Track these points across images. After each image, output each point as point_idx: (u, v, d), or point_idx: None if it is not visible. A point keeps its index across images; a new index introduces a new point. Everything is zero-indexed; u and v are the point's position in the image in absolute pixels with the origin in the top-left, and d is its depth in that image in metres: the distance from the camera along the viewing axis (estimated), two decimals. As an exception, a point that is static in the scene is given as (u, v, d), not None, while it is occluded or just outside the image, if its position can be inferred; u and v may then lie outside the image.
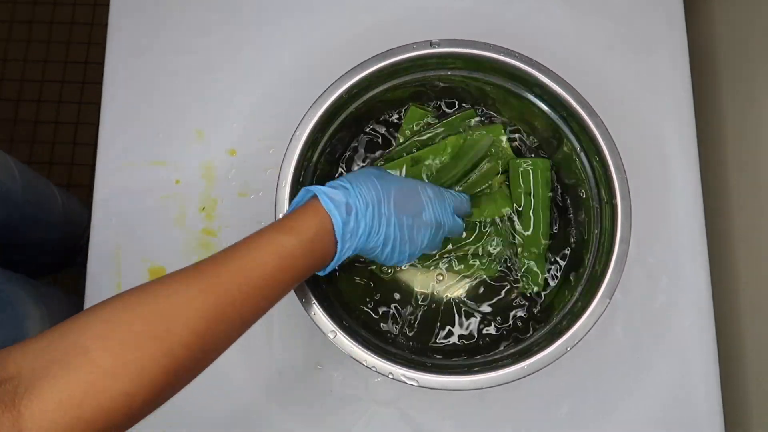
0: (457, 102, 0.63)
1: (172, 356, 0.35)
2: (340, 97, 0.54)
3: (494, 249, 0.59)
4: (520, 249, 0.59)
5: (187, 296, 0.36)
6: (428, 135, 0.60)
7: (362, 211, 0.43)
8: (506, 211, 0.59)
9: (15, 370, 0.31)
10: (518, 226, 0.59)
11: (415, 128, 0.61)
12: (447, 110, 0.63)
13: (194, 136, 0.66)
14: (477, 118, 0.62)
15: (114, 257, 0.63)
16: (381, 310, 0.59)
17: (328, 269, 0.45)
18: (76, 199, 0.93)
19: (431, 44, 0.54)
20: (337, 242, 0.43)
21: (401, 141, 0.61)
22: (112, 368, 0.32)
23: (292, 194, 0.52)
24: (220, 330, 0.37)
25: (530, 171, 0.59)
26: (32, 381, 0.30)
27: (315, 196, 0.43)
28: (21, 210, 0.72)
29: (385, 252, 0.46)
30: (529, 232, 0.58)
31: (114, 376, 0.32)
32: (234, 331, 0.39)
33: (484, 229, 0.59)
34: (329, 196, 0.43)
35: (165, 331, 0.34)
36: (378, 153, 0.62)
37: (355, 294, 0.59)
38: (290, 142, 0.53)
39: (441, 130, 0.61)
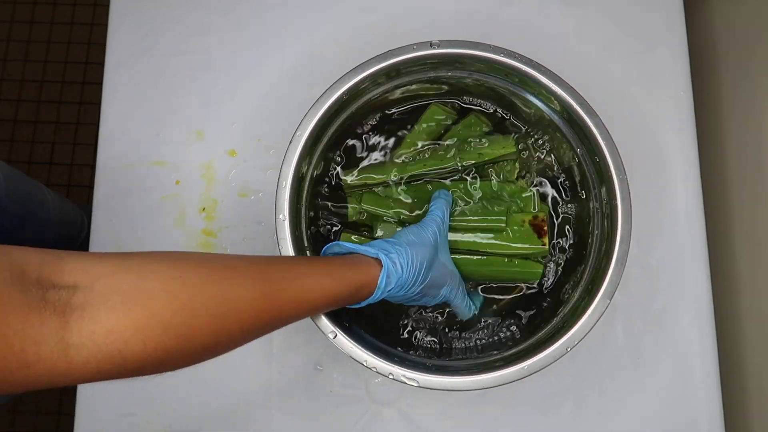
0: (459, 104, 0.63)
1: (216, 338, 0.36)
2: (340, 97, 0.54)
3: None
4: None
5: (251, 295, 0.38)
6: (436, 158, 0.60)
7: (402, 280, 0.47)
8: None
9: (71, 281, 0.31)
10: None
11: (428, 126, 0.61)
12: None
13: (194, 136, 0.66)
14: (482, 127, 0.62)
15: (114, 257, 0.63)
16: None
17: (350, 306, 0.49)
18: (69, 200, 0.93)
19: (431, 45, 0.54)
20: (372, 292, 0.47)
21: (412, 141, 0.61)
22: (166, 323, 0.33)
23: (292, 195, 0.53)
24: (259, 332, 0.40)
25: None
26: (88, 301, 0.31)
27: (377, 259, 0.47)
28: (6, 211, 0.71)
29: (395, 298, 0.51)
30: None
31: (165, 331, 0.33)
32: (262, 334, 0.41)
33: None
34: (389, 266, 0.46)
35: (221, 316, 0.36)
36: (380, 153, 0.62)
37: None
38: (290, 142, 0.53)
39: (450, 143, 0.60)
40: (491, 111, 0.62)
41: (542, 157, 0.61)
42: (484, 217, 0.57)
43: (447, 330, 0.59)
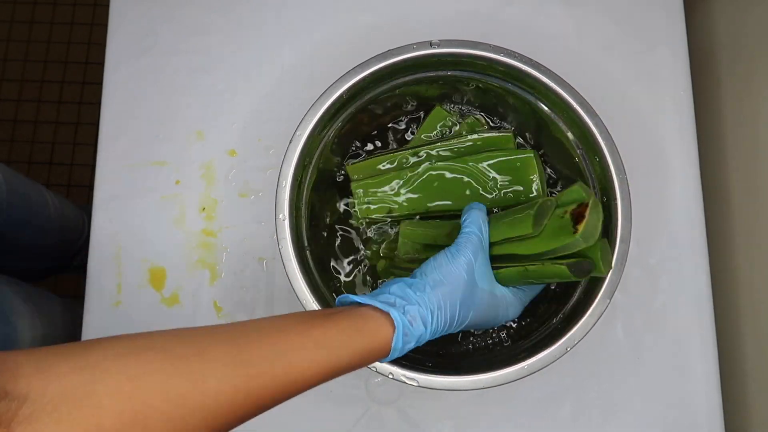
0: (459, 106, 0.63)
1: None
2: (340, 97, 0.54)
3: None
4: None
5: (219, 388, 0.34)
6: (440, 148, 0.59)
7: (426, 335, 0.42)
8: None
9: (24, 389, 0.29)
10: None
11: (432, 130, 0.61)
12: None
13: (194, 136, 0.66)
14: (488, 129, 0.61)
15: (114, 258, 0.63)
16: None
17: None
18: (71, 203, 0.93)
19: (431, 45, 0.54)
20: (387, 353, 0.41)
21: (414, 141, 0.61)
22: None
23: (292, 195, 0.53)
24: (232, 425, 0.35)
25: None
26: (35, 412, 0.29)
27: (388, 315, 0.40)
28: (7, 214, 0.72)
29: None
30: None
31: None
32: (239, 424, 0.36)
33: None
34: (405, 325, 0.40)
35: (180, 419, 0.32)
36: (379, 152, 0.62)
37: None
38: (290, 142, 0.53)
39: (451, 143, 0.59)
40: (490, 113, 0.62)
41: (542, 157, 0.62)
42: (511, 228, 0.48)
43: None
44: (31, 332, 0.67)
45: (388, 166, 0.59)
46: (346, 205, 0.61)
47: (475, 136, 0.59)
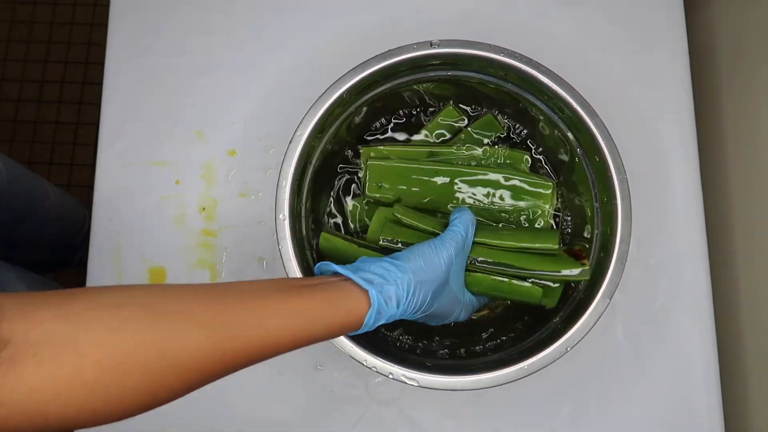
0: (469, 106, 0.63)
1: (152, 395, 0.34)
2: (341, 97, 0.54)
3: None
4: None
5: (197, 346, 0.35)
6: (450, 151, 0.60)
7: (396, 316, 0.43)
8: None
9: (8, 331, 0.30)
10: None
11: (443, 123, 0.61)
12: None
13: (194, 136, 0.66)
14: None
15: (114, 257, 0.63)
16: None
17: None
18: (71, 196, 0.93)
19: (431, 45, 0.54)
20: (358, 328, 0.42)
21: (422, 139, 0.61)
22: (92, 384, 0.31)
23: (292, 194, 0.53)
24: (207, 381, 0.37)
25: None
26: (18, 354, 0.30)
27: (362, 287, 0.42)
28: (8, 204, 0.72)
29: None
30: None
31: (91, 392, 0.31)
32: (213, 381, 0.38)
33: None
34: (380, 304, 0.42)
35: (158, 372, 0.34)
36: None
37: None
38: (290, 142, 0.53)
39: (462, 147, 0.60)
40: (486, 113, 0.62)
41: (542, 158, 0.62)
42: (533, 237, 0.52)
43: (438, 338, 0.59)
44: None
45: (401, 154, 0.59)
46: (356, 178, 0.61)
47: (491, 147, 0.59)
